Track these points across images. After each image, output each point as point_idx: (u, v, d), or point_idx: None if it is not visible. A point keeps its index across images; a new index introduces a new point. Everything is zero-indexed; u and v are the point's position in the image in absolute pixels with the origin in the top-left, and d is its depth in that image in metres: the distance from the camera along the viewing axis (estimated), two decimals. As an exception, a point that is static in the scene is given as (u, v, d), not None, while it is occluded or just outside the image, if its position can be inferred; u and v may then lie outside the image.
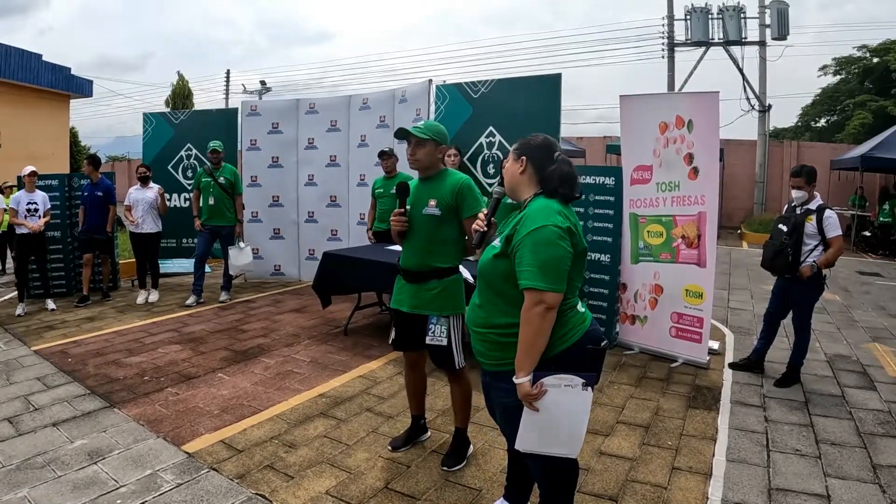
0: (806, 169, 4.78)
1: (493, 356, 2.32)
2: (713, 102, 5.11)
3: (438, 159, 3.36)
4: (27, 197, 7.22)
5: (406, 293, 3.41)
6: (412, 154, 3.31)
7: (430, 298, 3.31)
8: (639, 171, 5.52)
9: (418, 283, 3.35)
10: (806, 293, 4.81)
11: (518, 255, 2.16)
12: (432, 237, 3.30)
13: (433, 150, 3.30)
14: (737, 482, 3.31)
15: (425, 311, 3.33)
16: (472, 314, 2.43)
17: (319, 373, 5.05)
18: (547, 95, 6.19)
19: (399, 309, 3.46)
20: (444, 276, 3.32)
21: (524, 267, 2.12)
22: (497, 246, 2.28)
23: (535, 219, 2.17)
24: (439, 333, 3.28)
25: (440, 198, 3.25)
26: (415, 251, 3.35)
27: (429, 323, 3.31)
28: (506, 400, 2.29)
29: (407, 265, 3.39)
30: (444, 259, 3.32)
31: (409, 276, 3.38)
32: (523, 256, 2.13)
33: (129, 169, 29.55)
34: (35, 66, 18.88)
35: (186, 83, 21.71)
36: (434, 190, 3.29)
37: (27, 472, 3.29)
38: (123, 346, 5.74)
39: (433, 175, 3.36)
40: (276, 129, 8.88)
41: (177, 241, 9.05)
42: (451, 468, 3.42)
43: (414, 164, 3.37)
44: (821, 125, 29.91)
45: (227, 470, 3.37)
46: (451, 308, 3.32)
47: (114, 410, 4.18)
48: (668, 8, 20.47)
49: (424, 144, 3.27)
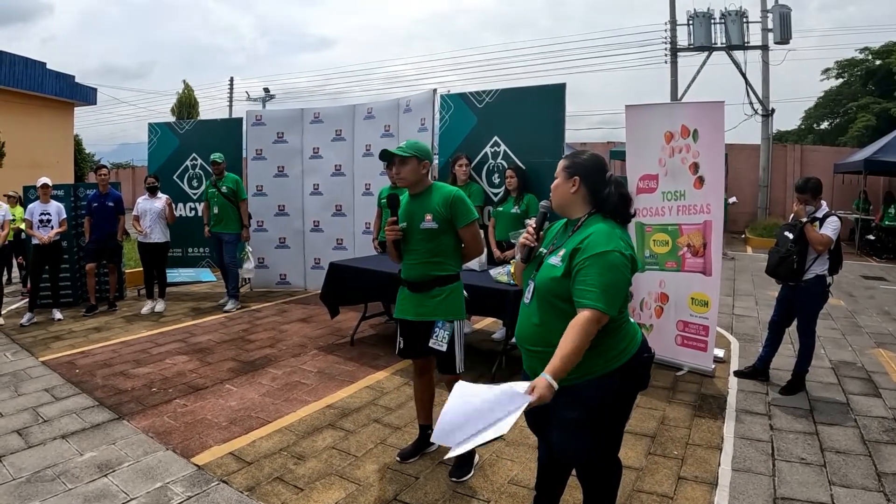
0: (811, 183, 4.82)
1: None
2: (718, 112, 5.15)
3: (423, 175, 3.46)
4: (41, 207, 7.31)
5: (410, 302, 3.52)
6: (397, 173, 3.45)
7: (435, 305, 3.44)
8: (644, 181, 5.54)
9: (422, 293, 3.46)
10: (810, 301, 4.83)
11: (582, 274, 2.18)
12: (432, 249, 3.41)
13: (416, 166, 3.41)
14: (742, 491, 3.33)
15: (431, 318, 3.45)
16: (527, 333, 2.40)
17: (327, 383, 5.07)
18: (551, 105, 6.20)
19: (404, 318, 3.56)
20: (446, 283, 3.44)
21: (588, 287, 2.15)
22: (559, 266, 2.27)
23: (601, 242, 2.21)
24: (442, 338, 3.42)
25: (434, 211, 3.36)
26: (416, 264, 3.46)
27: (434, 327, 3.44)
28: (570, 414, 2.30)
29: (409, 277, 3.50)
30: (446, 268, 3.44)
31: (413, 287, 3.49)
32: (588, 276, 2.16)
33: (133, 176, 29.70)
34: (39, 74, 19.01)
35: (192, 92, 21.76)
36: (427, 205, 3.40)
37: (37, 484, 3.32)
38: (131, 356, 5.78)
39: (422, 191, 3.47)
40: (281, 139, 8.93)
41: (182, 250, 9.08)
42: (460, 479, 3.46)
43: (400, 183, 3.50)
44: (824, 128, 29.87)
45: (236, 482, 3.40)
46: (455, 314, 3.46)
47: (122, 422, 4.21)
48: (670, 13, 20.49)
49: (407, 162, 3.39)
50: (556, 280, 2.27)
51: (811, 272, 4.74)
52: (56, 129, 19.72)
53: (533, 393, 2.05)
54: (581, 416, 2.29)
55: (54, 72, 19.55)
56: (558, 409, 2.31)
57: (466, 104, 6.84)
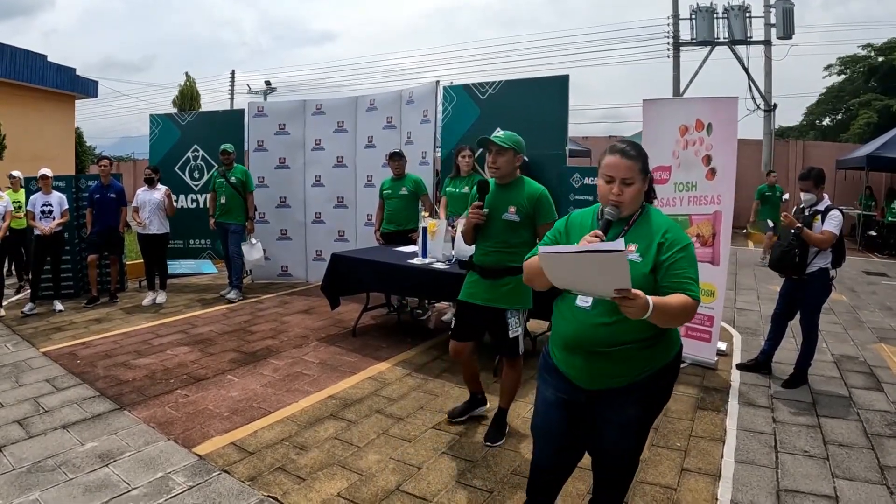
0: (814, 172, 4.83)
1: (625, 370, 2.23)
2: (732, 107, 5.32)
3: (516, 168, 3.61)
4: (42, 199, 7.30)
5: (480, 287, 3.69)
6: (493, 162, 3.56)
7: (506, 293, 3.61)
8: (658, 172, 5.61)
9: (493, 279, 3.62)
10: (813, 295, 4.82)
11: (676, 266, 2.14)
12: (510, 240, 3.56)
13: (512, 158, 3.56)
14: (745, 483, 3.32)
15: (500, 305, 3.63)
16: (593, 334, 2.23)
17: (329, 374, 5.07)
18: (555, 97, 6.20)
19: (471, 302, 3.73)
20: (517, 273, 3.46)
21: (686, 279, 2.12)
22: (642, 262, 2.18)
23: (681, 235, 2.22)
24: (516, 325, 3.64)
25: (519, 205, 3.52)
26: (492, 250, 3.62)
27: (508, 317, 3.62)
28: (630, 411, 2.26)
29: (483, 262, 3.67)
30: (519, 259, 3.46)
31: (485, 273, 3.66)
32: (681, 268, 2.14)
33: (134, 169, 29.66)
34: (40, 67, 18.98)
35: (194, 84, 21.70)
36: (513, 197, 3.55)
37: (38, 474, 3.31)
38: (132, 347, 5.77)
39: (510, 182, 3.62)
40: (282, 131, 8.90)
41: (184, 242, 9.06)
42: (494, 443, 3.74)
43: (494, 172, 3.60)
44: (825, 124, 29.86)
45: (238, 472, 3.39)
46: (523, 303, 3.66)
47: (124, 413, 4.20)
48: (673, 7, 20.42)
49: (505, 153, 3.52)
50: (644, 276, 2.15)
51: (814, 265, 4.73)
52: (57, 122, 19.70)
53: (638, 296, 1.93)
54: (641, 412, 2.28)
55: (55, 64, 19.52)
56: (617, 407, 2.27)
57: (469, 96, 6.83)
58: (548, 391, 2.45)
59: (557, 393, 2.40)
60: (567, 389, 2.36)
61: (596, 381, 2.28)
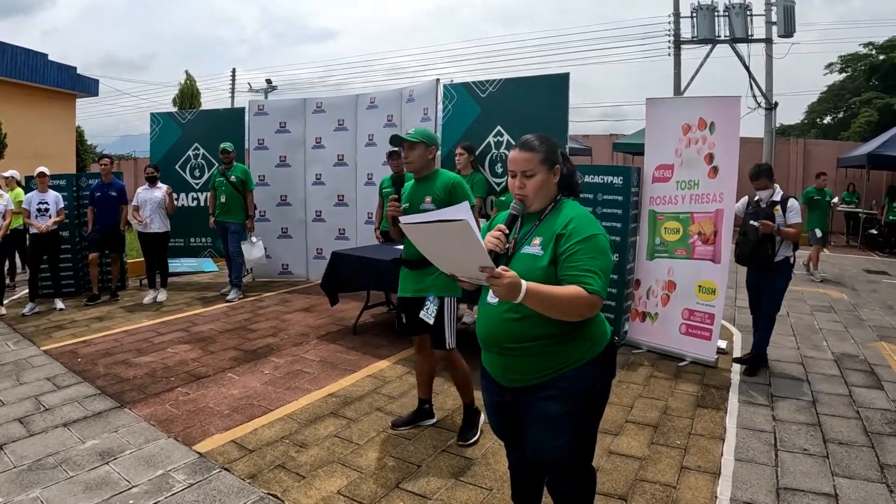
0: (763, 168, 5.21)
1: (536, 367, 2.18)
2: (735, 105, 5.35)
3: (430, 160, 3.74)
4: (39, 197, 7.29)
5: (409, 280, 3.78)
6: (406, 157, 3.70)
7: (431, 282, 3.66)
8: (660, 170, 5.66)
9: (419, 270, 3.68)
10: (782, 279, 5.14)
11: (573, 259, 2.07)
12: None
13: (424, 151, 3.67)
14: (745, 481, 3.32)
15: (426, 294, 3.67)
16: (502, 331, 2.19)
17: (329, 372, 5.07)
18: (555, 95, 6.18)
19: (404, 296, 3.81)
20: None
21: (584, 271, 2.03)
22: (541, 254, 2.14)
23: (586, 226, 2.12)
24: (430, 311, 3.61)
25: (434, 195, 3.64)
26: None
27: (425, 301, 3.64)
28: (551, 408, 2.17)
29: (408, 256, 3.73)
30: None
31: (411, 265, 3.72)
32: (581, 261, 2.05)
33: (135, 168, 29.65)
34: (41, 65, 18.95)
35: (194, 83, 21.64)
36: (428, 189, 3.69)
37: (39, 472, 3.32)
38: (133, 345, 5.78)
39: (427, 175, 3.75)
40: (283, 129, 8.91)
41: (185, 240, 9.06)
42: (468, 441, 3.73)
43: (408, 167, 3.75)
44: (826, 123, 29.83)
45: (238, 470, 3.40)
46: (448, 290, 3.66)
47: (124, 410, 4.21)
48: (674, 5, 20.34)
49: (416, 147, 3.65)
50: (542, 269, 2.11)
51: (780, 255, 5.05)
52: (58, 121, 19.68)
53: (501, 275, 1.87)
54: (563, 410, 2.16)
55: (56, 63, 19.50)
56: (538, 403, 2.20)
57: (469, 94, 6.81)
58: (485, 394, 2.44)
59: (491, 395, 2.38)
60: (495, 390, 2.34)
61: (511, 379, 2.24)
